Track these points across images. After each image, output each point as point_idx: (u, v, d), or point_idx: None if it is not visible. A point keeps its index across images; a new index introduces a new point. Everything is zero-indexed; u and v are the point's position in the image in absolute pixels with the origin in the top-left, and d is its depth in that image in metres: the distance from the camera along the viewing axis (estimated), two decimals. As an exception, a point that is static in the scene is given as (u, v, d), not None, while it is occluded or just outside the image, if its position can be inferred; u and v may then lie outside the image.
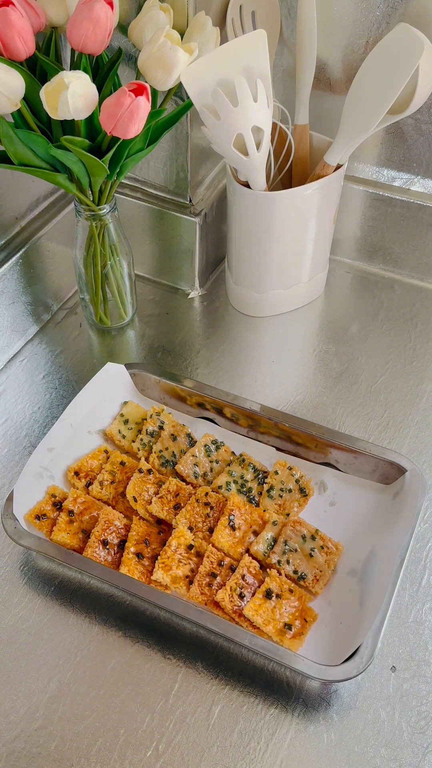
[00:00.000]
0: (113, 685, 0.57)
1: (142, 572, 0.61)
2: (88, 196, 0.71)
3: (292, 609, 0.59)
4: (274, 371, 0.81)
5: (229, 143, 0.68)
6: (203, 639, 0.59)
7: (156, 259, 0.90)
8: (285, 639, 0.57)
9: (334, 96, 0.80)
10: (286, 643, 0.57)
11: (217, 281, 0.91)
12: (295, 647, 0.57)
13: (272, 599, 0.59)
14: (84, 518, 0.64)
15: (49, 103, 0.59)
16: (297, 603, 0.59)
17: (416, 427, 0.75)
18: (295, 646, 0.57)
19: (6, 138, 0.62)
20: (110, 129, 0.60)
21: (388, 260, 0.91)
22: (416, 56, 0.63)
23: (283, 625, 0.58)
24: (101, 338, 0.85)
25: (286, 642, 0.57)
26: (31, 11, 0.61)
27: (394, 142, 0.81)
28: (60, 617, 0.61)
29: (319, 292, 0.89)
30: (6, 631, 0.60)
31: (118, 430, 0.72)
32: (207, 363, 0.82)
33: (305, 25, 0.71)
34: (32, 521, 0.64)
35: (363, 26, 0.74)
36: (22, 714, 0.56)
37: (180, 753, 0.54)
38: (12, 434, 0.74)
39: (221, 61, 0.65)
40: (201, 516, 0.64)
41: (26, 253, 0.80)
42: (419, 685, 0.57)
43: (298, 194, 0.74)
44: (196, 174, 0.82)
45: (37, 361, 0.82)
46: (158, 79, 0.64)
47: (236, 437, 0.73)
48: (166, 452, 0.70)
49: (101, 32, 0.60)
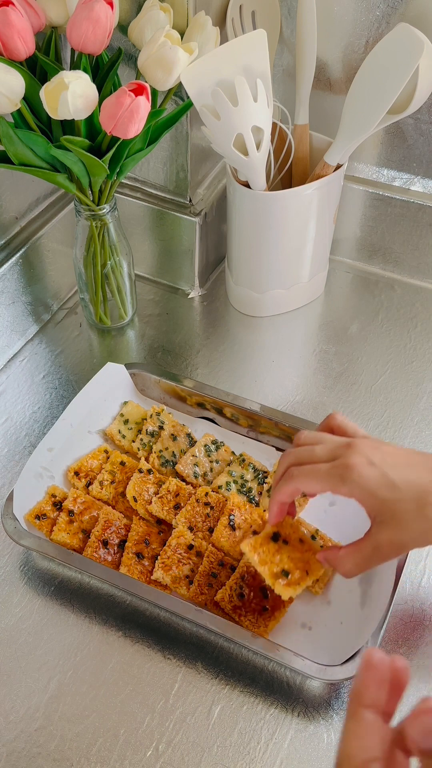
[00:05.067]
0: (113, 685, 0.57)
1: (142, 572, 0.61)
2: (88, 196, 0.71)
3: (296, 558, 0.54)
4: (274, 371, 0.81)
5: (229, 143, 0.68)
6: (203, 639, 0.59)
7: (156, 259, 0.90)
8: (277, 584, 0.53)
9: (334, 96, 0.80)
10: (277, 588, 0.53)
11: (217, 281, 0.91)
12: (286, 594, 0.53)
13: (277, 542, 0.55)
14: (84, 518, 0.64)
15: (49, 103, 0.59)
16: (304, 555, 0.55)
17: (416, 427, 0.74)
18: (286, 594, 0.53)
19: (6, 138, 0.62)
20: (110, 129, 0.60)
21: (388, 260, 0.91)
22: (416, 56, 0.63)
23: (281, 571, 0.54)
24: (101, 338, 0.85)
25: (278, 588, 0.53)
26: (31, 11, 0.61)
27: (394, 142, 0.81)
28: (60, 617, 0.61)
29: (319, 292, 0.89)
30: (6, 631, 0.60)
31: (118, 430, 0.72)
32: (207, 363, 0.82)
33: (305, 25, 0.71)
34: (32, 521, 0.64)
35: (363, 26, 0.74)
36: (22, 714, 0.56)
37: (180, 753, 0.54)
38: (12, 434, 0.74)
39: (221, 61, 0.65)
40: (201, 516, 0.64)
41: (26, 253, 0.80)
42: (419, 685, 0.57)
43: (298, 194, 0.74)
44: (196, 174, 0.82)
45: (37, 361, 0.82)
46: (158, 79, 0.64)
47: (236, 437, 0.73)
48: (166, 452, 0.70)
49: (101, 32, 0.60)
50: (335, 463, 0.51)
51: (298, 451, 0.54)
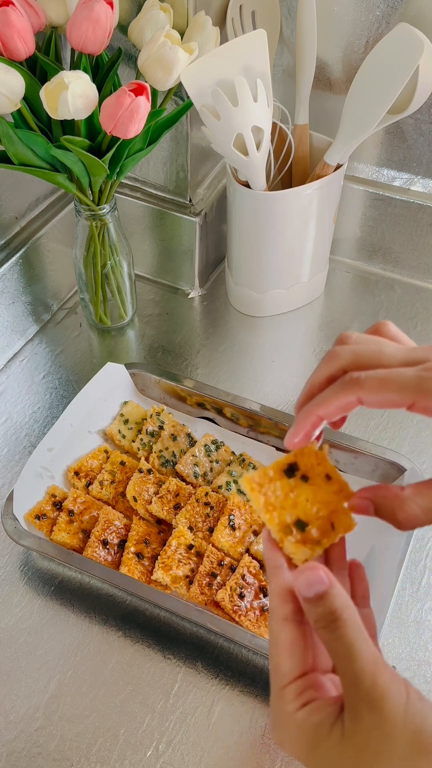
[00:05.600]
0: (113, 685, 0.57)
1: (142, 572, 0.61)
2: (88, 196, 0.71)
3: (319, 502, 0.39)
4: (274, 371, 0.81)
5: (229, 143, 0.68)
6: (203, 639, 0.59)
7: (156, 259, 0.90)
8: (286, 540, 0.38)
9: (334, 96, 0.80)
10: (287, 547, 0.38)
11: (217, 281, 0.91)
12: (300, 556, 0.38)
13: (294, 477, 0.39)
14: (84, 518, 0.64)
15: (49, 103, 0.59)
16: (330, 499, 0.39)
17: (416, 427, 0.74)
18: (300, 556, 0.38)
19: (6, 138, 0.62)
20: (110, 129, 0.60)
21: (388, 260, 0.91)
22: (416, 56, 0.63)
23: (295, 521, 0.38)
24: (101, 338, 0.85)
25: (288, 546, 0.38)
26: (31, 11, 0.61)
27: (394, 142, 0.81)
28: (60, 617, 0.61)
29: (319, 292, 0.89)
30: (6, 631, 0.60)
31: (118, 430, 0.72)
32: (207, 363, 0.82)
33: (305, 25, 0.71)
34: (32, 521, 0.64)
35: (363, 26, 0.74)
36: (22, 714, 0.56)
37: (180, 753, 0.54)
38: (12, 434, 0.74)
39: (221, 61, 0.65)
40: (201, 516, 0.64)
41: (26, 253, 0.80)
42: (419, 685, 0.57)
43: (298, 194, 0.74)
44: (196, 174, 0.82)
45: (37, 361, 0.82)
46: (158, 79, 0.64)
47: (236, 437, 0.73)
48: (166, 452, 0.70)
49: (101, 32, 0.60)
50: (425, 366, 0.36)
51: (357, 350, 0.39)
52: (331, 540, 0.38)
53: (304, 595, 0.35)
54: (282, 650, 0.36)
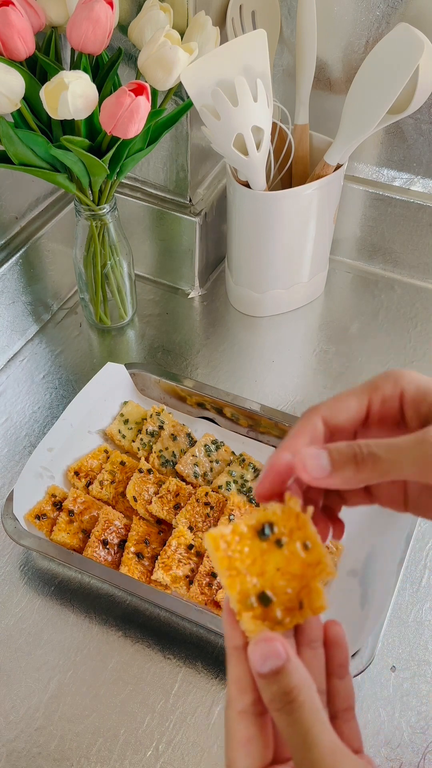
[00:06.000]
0: (113, 685, 0.57)
1: (142, 572, 0.61)
2: (88, 195, 0.71)
3: (289, 575, 0.34)
4: (274, 371, 0.81)
5: (229, 143, 0.68)
6: (203, 639, 0.59)
7: (156, 259, 0.90)
8: (244, 614, 0.33)
9: (334, 96, 0.80)
10: (244, 622, 0.33)
11: (217, 281, 0.91)
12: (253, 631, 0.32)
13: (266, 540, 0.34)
14: (84, 518, 0.64)
15: (49, 103, 0.59)
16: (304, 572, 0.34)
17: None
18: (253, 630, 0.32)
19: (6, 138, 0.62)
20: (110, 129, 0.60)
21: (388, 260, 0.91)
22: (416, 56, 0.63)
23: (259, 593, 0.33)
24: (101, 338, 0.85)
25: (244, 621, 0.33)
26: (31, 11, 0.61)
27: (394, 142, 0.81)
28: (60, 617, 0.61)
29: (319, 292, 0.89)
30: (6, 631, 0.60)
31: (118, 430, 0.72)
32: (207, 363, 0.82)
33: (305, 25, 0.71)
34: (32, 521, 0.64)
35: (363, 26, 0.74)
36: (22, 714, 0.56)
37: (180, 753, 0.54)
38: (12, 434, 0.74)
39: (221, 61, 0.65)
40: (201, 516, 0.64)
41: (26, 252, 0.80)
42: (419, 685, 0.57)
43: (298, 194, 0.74)
44: (196, 174, 0.82)
45: (37, 361, 0.82)
46: (158, 79, 0.64)
47: (236, 437, 0.73)
48: (166, 452, 0.70)
49: (101, 32, 0.60)
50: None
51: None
52: (296, 621, 0.34)
53: (257, 670, 0.31)
54: (237, 746, 0.32)
